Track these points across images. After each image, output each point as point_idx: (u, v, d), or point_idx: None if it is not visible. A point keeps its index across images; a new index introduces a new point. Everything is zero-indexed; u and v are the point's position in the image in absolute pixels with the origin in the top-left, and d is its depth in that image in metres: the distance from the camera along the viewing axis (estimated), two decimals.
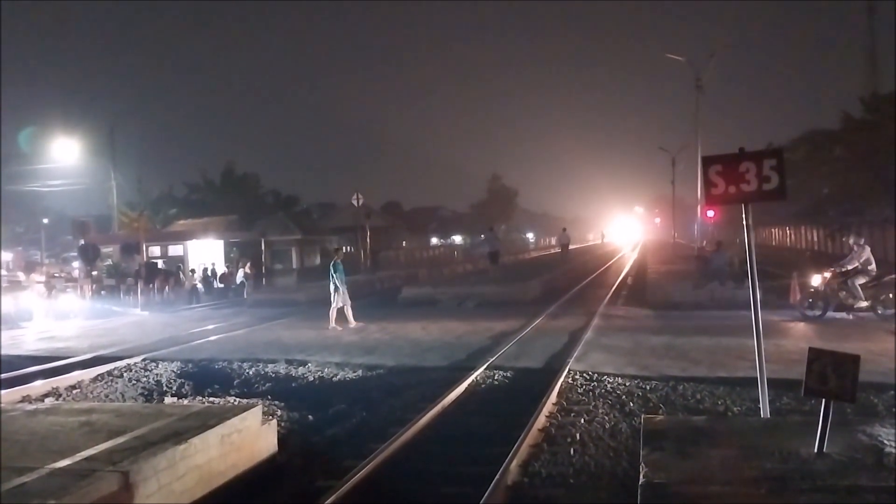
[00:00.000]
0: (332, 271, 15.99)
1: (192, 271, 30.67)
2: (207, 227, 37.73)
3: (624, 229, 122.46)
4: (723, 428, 5.72)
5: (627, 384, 9.36)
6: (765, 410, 6.22)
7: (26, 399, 9.61)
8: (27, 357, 13.54)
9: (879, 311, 14.13)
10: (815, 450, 4.81)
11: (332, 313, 15.95)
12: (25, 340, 16.47)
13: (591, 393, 9.00)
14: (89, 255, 26.14)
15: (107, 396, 10.02)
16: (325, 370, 11.14)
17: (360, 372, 10.99)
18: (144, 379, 11.04)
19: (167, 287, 28.56)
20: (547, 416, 7.93)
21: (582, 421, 7.68)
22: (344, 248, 47.66)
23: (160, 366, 11.98)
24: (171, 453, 5.51)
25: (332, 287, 15.94)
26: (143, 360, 12.48)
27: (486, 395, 9.50)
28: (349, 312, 15.98)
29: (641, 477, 4.56)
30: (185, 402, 9.34)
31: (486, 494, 5.48)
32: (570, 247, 40.19)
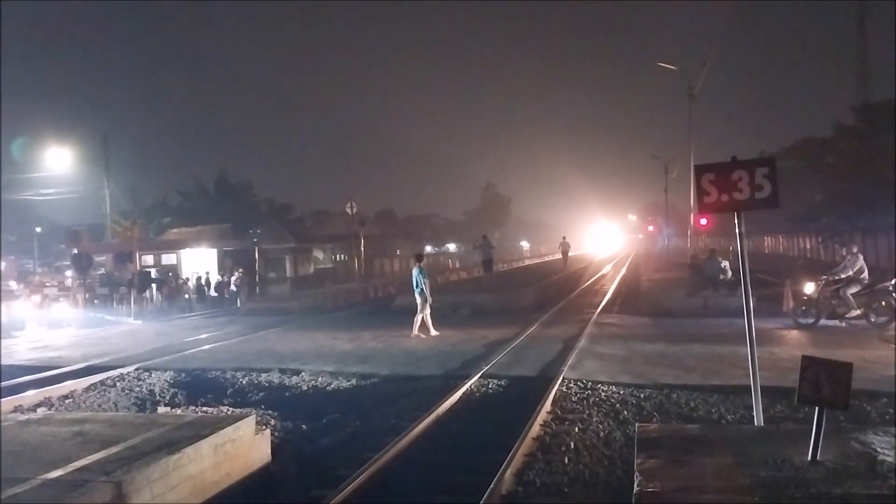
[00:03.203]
0: (420, 277, 15.37)
1: (200, 278, 30.60)
2: (201, 236, 37.66)
3: (615, 238, 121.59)
4: (716, 436, 5.73)
5: (621, 392, 9.36)
6: (758, 418, 6.23)
7: (18, 409, 9.54)
8: (19, 367, 13.46)
9: (872, 319, 14.17)
10: (809, 457, 4.83)
11: (421, 320, 15.55)
12: (18, 350, 16.37)
13: (585, 401, 9.00)
14: (82, 264, 26.07)
15: (99, 406, 9.97)
16: (319, 379, 11.12)
17: (354, 381, 10.97)
18: (137, 388, 10.98)
19: (161, 295, 28.49)
20: (541, 425, 7.93)
21: (576, 429, 7.68)
22: (340, 255, 47.91)
23: (153, 375, 11.92)
24: (164, 463, 5.49)
25: (418, 293, 15.39)
26: (136, 369, 12.43)
27: (481, 403, 9.49)
28: (429, 321, 15.57)
29: (636, 485, 4.56)
30: (179, 411, 9.29)
31: (481, 503, 5.47)
32: (570, 253, 42.81)
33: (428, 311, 15.55)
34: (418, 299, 15.46)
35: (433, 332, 15.50)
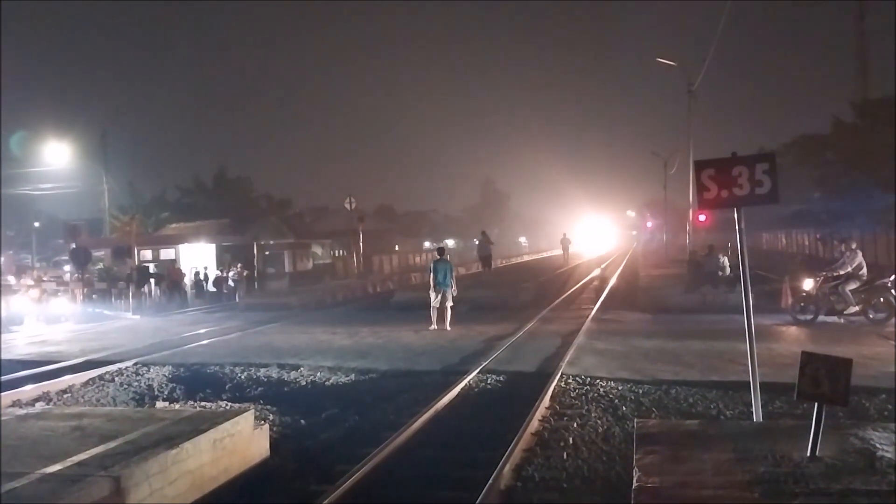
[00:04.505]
0: (448, 270, 15.57)
1: (198, 273, 30.58)
2: (199, 231, 37.63)
3: (614, 235, 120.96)
4: (715, 432, 5.73)
5: (620, 388, 9.37)
6: (757, 414, 6.23)
7: (17, 403, 9.54)
8: (18, 361, 13.44)
9: (871, 316, 14.19)
10: (808, 453, 4.83)
11: (448, 314, 15.69)
12: (16, 345, 16.36)
13: (583, 397, 9.01)
14: (81, 259, 26.01)
15: (98, 401, 9.97)
16: (318, 374, 11.11)
17: (352, 376, 10.97)
18: (136, 383, 10.98)
19: (160, 290, 28.48)
20: (540, 420, 7.93)
21: (575, 425, 7.68)
22: (339, 251, 47.93)
23: (152, 370, 11.92)
24: (162, 458, 5.48)
25: (442, 286, 15.46)
26: (135, 364, 12.42)
27: (480, 399, 9.49)
28: (434, 315, 15.69)
29: (635, 480, 4.56)
30: (177, 406, 9.29)
31: (480, 498, 5.48)
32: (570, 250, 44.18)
33: (437, 304, 15.61)
34: (445, 292, 15.49)
35: (433, 326, 15.53)
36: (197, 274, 30.69)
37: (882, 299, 14.20)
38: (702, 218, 27.46)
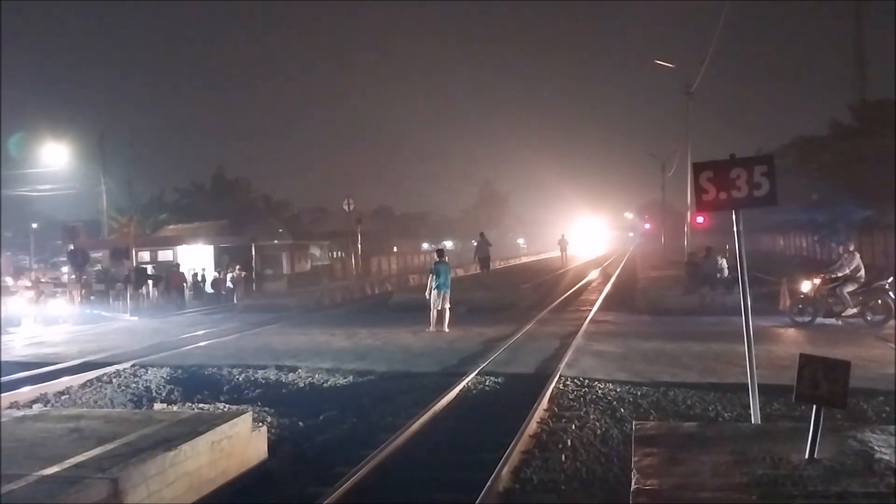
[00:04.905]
0: (446, 273, 15.66)
1: (196, 275, 30.54)
2: (197, 232, 37.61)
3: (611, 236, 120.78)
4: (714, 434, 5.73)
5: (618, 390, 9.37)
6: (755, 416, 6.23)
7: (14, 405, 9.52)
8: (15, 363, 13.41)
9: (868, 318, 14.21)
10: (806, 455, 4.82)
11: (437, 314, 15.70)
12: (14, 346, 16.32)
13: (582, 399, 9.01)
14: (79, 260, 25.97)
15: (96, 403, 9.95)
16: (316, 376, 11.10)
17: (351, 378, 10.96)
18: (134, 385, 10.97)
19: (157, 291, 28.45)
20: (538, 423, 7.92)
21: (573, 427, 7.68)
22: (337, 252, 47.90)
23: (150, 372, 11.90)
24: (160, 460, 5.48)
25: (443, 288, 15.55)
26: (133, 365, 12.40)
27: (478, 400, 9.49)
28: (434, 316, 15.70)
29: (633, 482, 4.56)
30: (175, 408, 9.27)
31: (479, 500, 5.47)
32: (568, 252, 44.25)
33: (439, 305, 15.64)
34: (445, 294, 15.52)
35: (431, 328, 15.52)
36: (195, 275, 30.67)
37: (880, 301, 14.23)
38: (700, 220, 27.48)
